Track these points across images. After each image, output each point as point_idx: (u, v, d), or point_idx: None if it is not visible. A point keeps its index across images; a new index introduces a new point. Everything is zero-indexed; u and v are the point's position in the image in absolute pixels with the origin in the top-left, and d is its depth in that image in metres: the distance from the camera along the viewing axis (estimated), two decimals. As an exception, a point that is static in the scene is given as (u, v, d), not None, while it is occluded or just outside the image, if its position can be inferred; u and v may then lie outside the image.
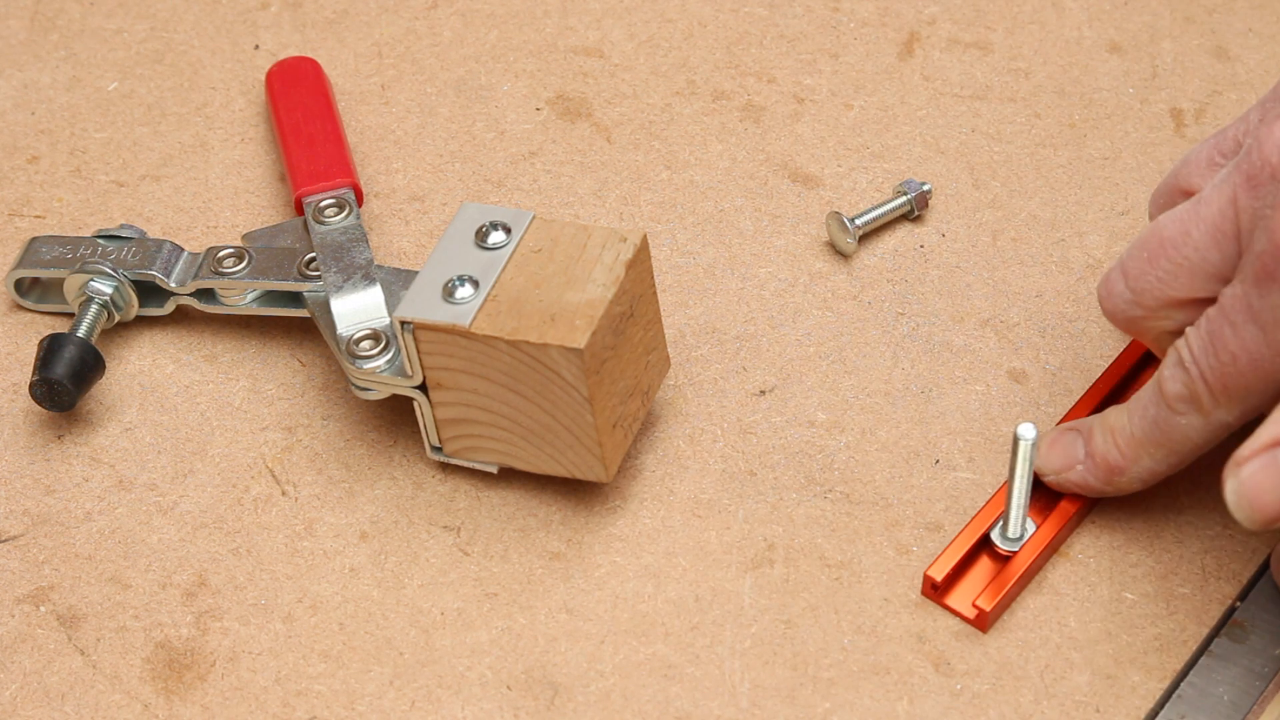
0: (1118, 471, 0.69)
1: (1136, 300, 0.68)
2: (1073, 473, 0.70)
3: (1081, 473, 0.70)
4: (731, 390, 0.76)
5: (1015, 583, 0.69)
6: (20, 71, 0.89)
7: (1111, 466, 0.69)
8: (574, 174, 0.84)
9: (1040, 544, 0.70)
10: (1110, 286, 0.69)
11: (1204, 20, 0.89)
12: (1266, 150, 0.65)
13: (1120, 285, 0.68)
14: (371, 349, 0.72)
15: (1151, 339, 0.70)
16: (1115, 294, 0.69)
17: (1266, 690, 0.67)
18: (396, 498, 0.73)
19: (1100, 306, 0.70)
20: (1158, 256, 0.67)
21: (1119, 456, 0.69)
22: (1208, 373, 0.65)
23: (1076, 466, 0.70)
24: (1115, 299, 0.69)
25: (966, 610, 0.69)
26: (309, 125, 0.82)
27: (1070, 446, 0.71)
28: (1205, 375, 0.65)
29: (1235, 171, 0.66)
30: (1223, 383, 0.65)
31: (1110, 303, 0.69)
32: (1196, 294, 0.67)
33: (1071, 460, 0.71)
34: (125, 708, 0.68)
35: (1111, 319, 0.69)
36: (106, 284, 0.77)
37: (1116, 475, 0.70)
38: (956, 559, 0.70)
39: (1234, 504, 0.63)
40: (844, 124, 0.86)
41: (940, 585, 0.69)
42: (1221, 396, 0.66)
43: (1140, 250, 0.68)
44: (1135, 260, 0.68)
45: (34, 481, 0.74)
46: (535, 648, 0.69)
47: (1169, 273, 0.67)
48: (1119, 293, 0.68)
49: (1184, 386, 0.66)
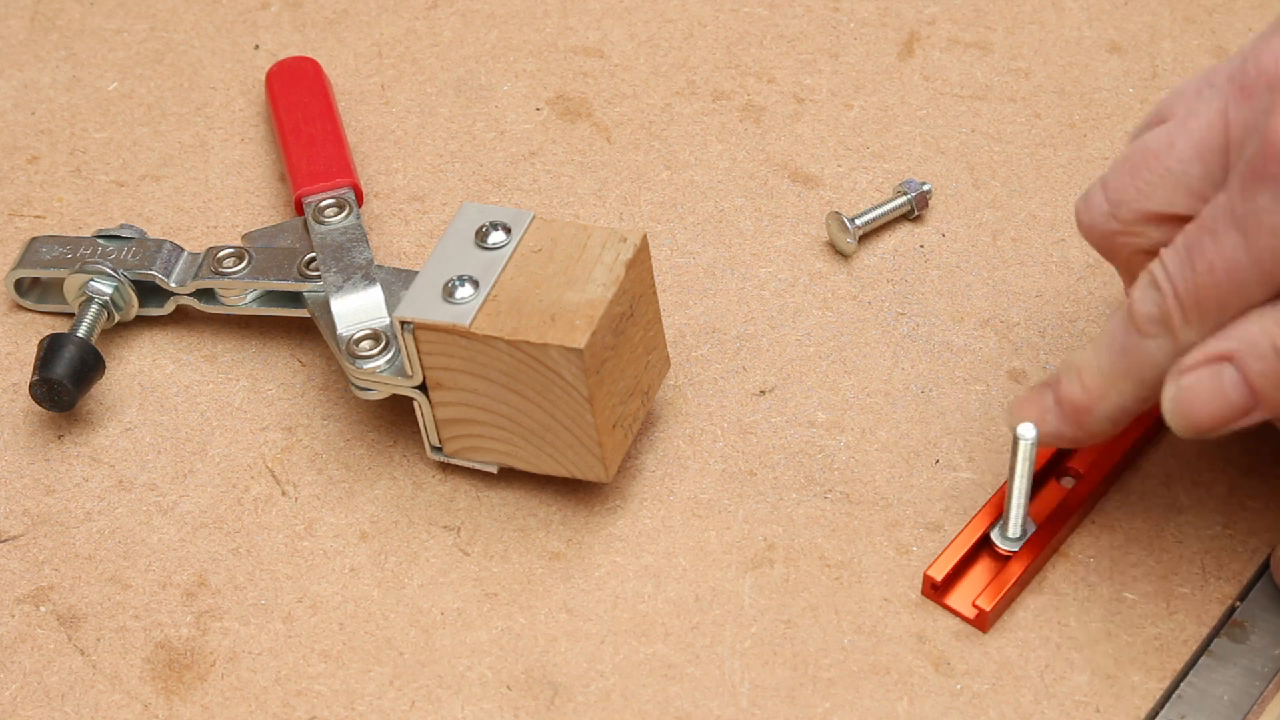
0: (1085, 411, 0.67)
1: (1114, 213, 0.66)
2: (1044, 424, 0.68)
3: (1051, 420, 0.68)
4: (731, 390, 0.76)
5: (1015, 583, 0.69)
6: (20, 71, 0.89)
7: (1078, 406, 0.67)
8: (574, 174, 0.84)
9: (1040, 544, 0.70)
10: (1089, 199, 0.67)
11: (1204, 20, 0.89)
12: (1265, 60, 0.63)
13: (1099, 198, 0.67)
14: (371, 349, 0.72)
15: (1124, 259, 0.68)
16: (1093, 206, 0.67)
17: (1266, 690, 0.67)
18: (396, 498, 0.73)
19: (1076, 220, 0.68)
20: (1139, 168, 0.65)
21: (1084, 394, 0.67)
22: (1181, 287, 0.63)
23: (1046, 416, 0.68)
24: (1093, 211, 0.67)
25: (966, 610, 0.69)
26: (309, 125, 0.82)
27: (1040, 398, 0.68)
28: (1178, 290, 0.63)
29: (1228, 85, 0.64)
30: (1196, 297, 0.63)
31: (1087, 215, 0.67)
32: (1176, 209, 0.65)
33: (1042, 410, 0.68)
34: (125, 708, 0.68)
35: (1087, 234, 0.67)
36: (106, 284, 0.77)
37: (1085, 416, 0.67)
38: (956, 559, 0.70)
39: (1169, 411, 0.64)
40: (844, 124, 0.86)
41: (940, 585, 0.69)
42: (1194, 314, 0.63)
43: (1123, 163, 0.66)
44: (1116, 173, 0.66)
45: (34, 481, 0.74)
46: (535, 648, 0.69)
47: (1150, 184, 0.65)
48: (1096, 205, 0.67)
49: (1155, 306, 0.64)
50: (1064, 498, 0.71)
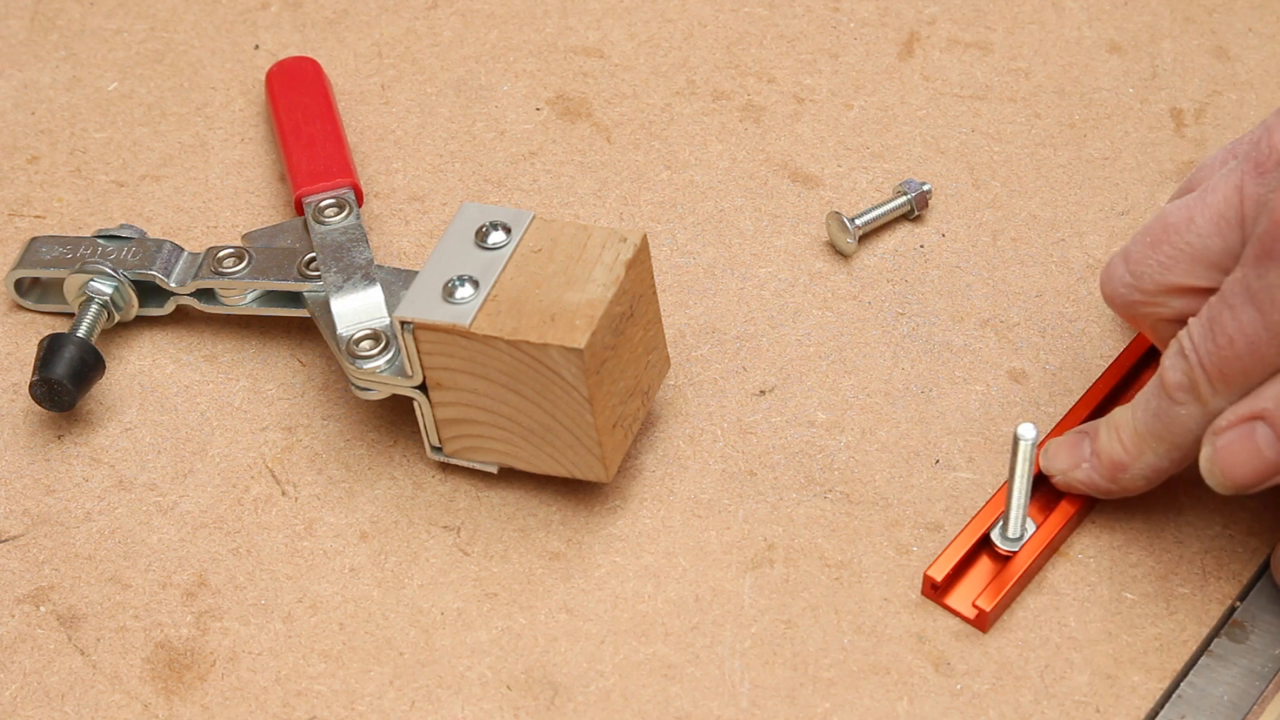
0: (1121, 468, 0.69)
1: (1136, 284, 0.68)
2: (1079, 471, 0.71)
3: (1087, 470, 0.70)
4: (731, 390, 0.76)
5: (1015, 583, 0.69)
6: (20, 71, 0.89)
7: (1115, 463, 0.70)
8: (574, 174, 0.84)
9: (1040, 544, 0.70)
10: (1111, 270, 0.69)
11: (1204, 20, 0.89)
12: (1275, 139, 0.65)
13: (1121, 269, 0.69)
14: (371, 349, 0.72)
15: (1149, 326, 0.70)
16: (1115, 278, 0.69)
17: (1266, 690, 0.67)
18: (396, 498, 0.73)
19: (1100, 290, 0.70)
20: (1160, 241, 0.67)
21: (1122, 452, 0.69)
22: (1205, 359, 0.66)
23: (1082, 465, 0.71)
24: (1115, 282, 0.69)
25: (966, 610, 0.69)
26: (309, 125, 0.82)
27: (1076, 446, 0.71)
28: (1204, 361, 0.66)
29: (1244, 161, 0.66)
30: (1220, 369, 0.65)
31: (1110, 286, 0.69)
32: (1196, 281, 0.67)
33: (1077, 459, 0.71)
34: (125, 708, 0.68)
35: (1110, 303, 0.70)
36: (106, 284, 0.77)
37: (1120, 472, 0.70)
38: (956, 559, 0.70)
39: (1207, 471, 0.66)
40: (844, 124, 0.86)
41: (940, 585, 0.69)
42: (1219, 383, 0.66)
43: (1144, 235, 0.68)
44: (1138, 245, 0.68)
45: (34, 481, 0.74)
46: (535, 648, 0.69)
47: (1170, 258, 0.67)
48: (1119, 276, 0.69)
49: (1183, 375, 0.66)
50: (1064, 498, 0.71)
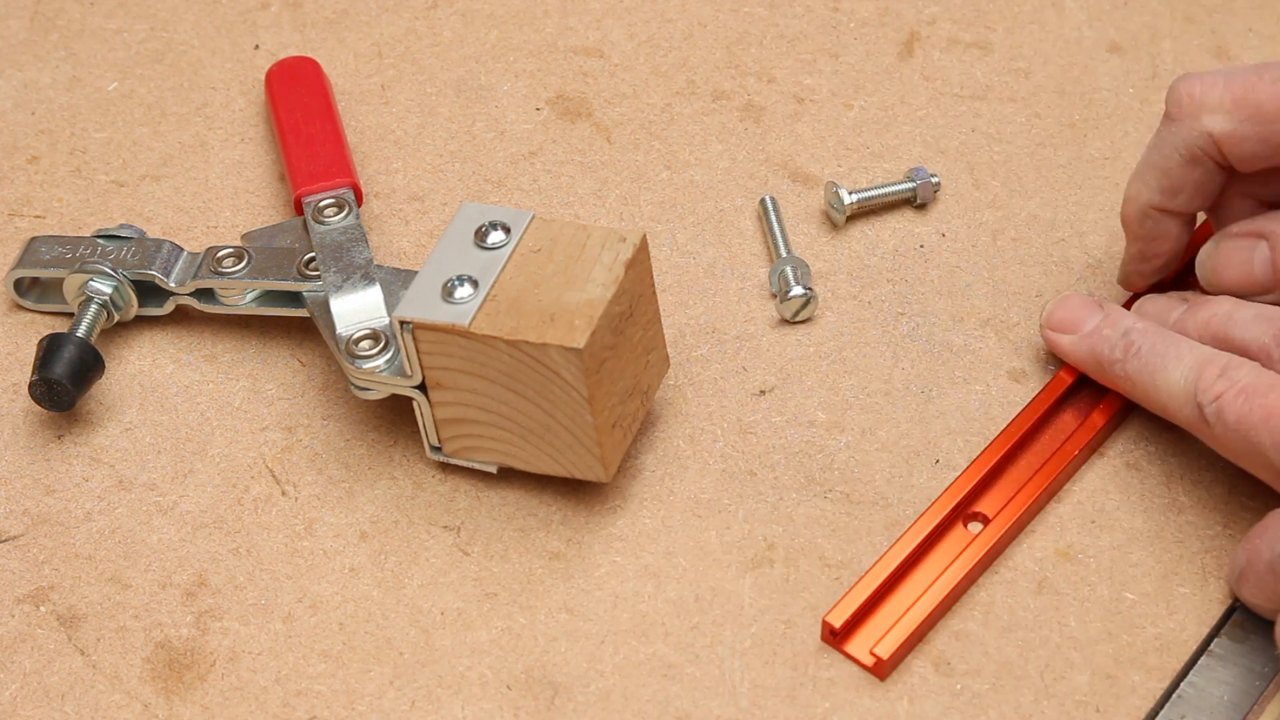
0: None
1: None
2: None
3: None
4: (731, 390, 0.76)
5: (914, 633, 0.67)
6: (20, 71, 0.89)
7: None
8: (574, 174, 0.84)
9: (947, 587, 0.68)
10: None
11: (1204, 20, 0.89)
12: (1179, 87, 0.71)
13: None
14: (371, 349, 0.72)
15: None
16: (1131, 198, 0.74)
17: (1266, 690, 0.67)
18: (396, 498, 0.73)
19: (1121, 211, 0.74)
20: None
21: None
22: None
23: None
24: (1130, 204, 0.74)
25: (865, 658, 0.67)
26: (309, 125, 0.82)
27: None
28: None
29: None
30: None
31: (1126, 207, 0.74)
32: None
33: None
34: (125, 708, 0.68)
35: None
36: (106, 284, 0.77)
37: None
38: (858, 604, 0.68)
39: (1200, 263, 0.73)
40: (844, 124, 0.86)
41: (839, 632, 0.67)
42: None
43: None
44: None
45: (34, 481, 0.74)
46: (535, 648, 0.69)
47: None
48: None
49: None
50: (970, 542, 0.70)
